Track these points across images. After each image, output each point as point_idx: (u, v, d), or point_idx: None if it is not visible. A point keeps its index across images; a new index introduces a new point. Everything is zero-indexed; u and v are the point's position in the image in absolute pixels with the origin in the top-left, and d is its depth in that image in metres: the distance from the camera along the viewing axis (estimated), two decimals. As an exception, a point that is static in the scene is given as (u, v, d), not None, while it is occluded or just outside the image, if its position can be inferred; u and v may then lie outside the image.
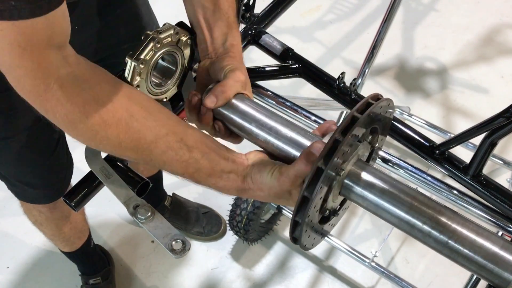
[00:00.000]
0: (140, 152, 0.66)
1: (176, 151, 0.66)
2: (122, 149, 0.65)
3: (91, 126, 0.62)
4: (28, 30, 0.56)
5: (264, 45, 1.05)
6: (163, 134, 0.66)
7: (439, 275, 1.65)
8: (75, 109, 0.61)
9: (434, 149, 0.91)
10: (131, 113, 0.64)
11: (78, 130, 0.63)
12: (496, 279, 0.60)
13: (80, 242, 1.52)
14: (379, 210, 0.65)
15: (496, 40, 2.37)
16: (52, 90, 0.59)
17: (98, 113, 0.62)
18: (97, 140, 0.64)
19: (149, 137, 0.65)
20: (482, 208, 0.87)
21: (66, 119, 0.61)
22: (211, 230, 1.76)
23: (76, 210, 0.79)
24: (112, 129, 0.63)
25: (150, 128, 0.65)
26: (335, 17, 2.51)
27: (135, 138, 0.64)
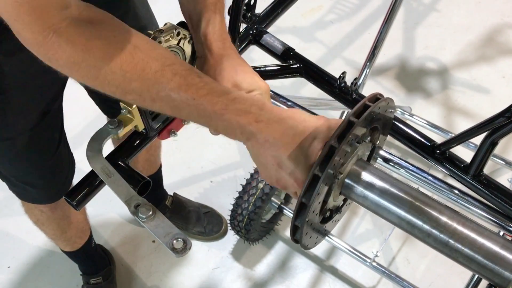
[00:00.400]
0: (145, 82, 0.63)
1: (185, 76, 0.64)
2: (127, 81, 0.63)
3: (94, 62, 0.61)
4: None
5: (265, 45, 1.05)
6: (170, 63, 0.64)
7: (440, 275, 1.65)
8: (77, 49, 0.60)
9: (435, 149, 0.91)
10: (135, 44, 0.63)
11: (82, 70, 0.62)
12: (497, 278, 0.60)
13: (81, 242, 1.52)
14: (380, 209, 0.65)
15: (497, 40, 2.36)
16: (52, 39, 0.59)
17: (100, 48, 0.61)
18: (101, 77, 0.62)
19: (155, 66, 0.63)
20: (483, 208, 0.87)
21: (69, 61, 0.61)
22: (212, 230, 1.76)
23: (78, 209, 0.79)
24: (115, 61, 0.62)
25: (155, 58, 0.64)
26: (336, 17, 2.51)
27: (140, 68, 0.63)
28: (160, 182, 1.69)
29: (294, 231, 0.63)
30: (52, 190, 1.21)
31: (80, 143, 1.34)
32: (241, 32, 1.05)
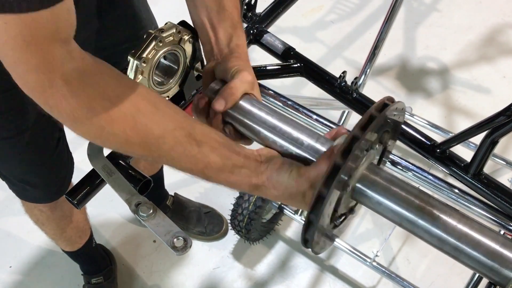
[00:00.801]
0: (148, 147, 0.64)
1: (185, 146, 0.65)
2: (129, 145, 0.63)
3: (98, 122, 0.60)
4: (33, 24, 0.54)
5: (265, 44, 1.06)
6: (171, 128, 0.64)
7: (440, 275, 1.65)
8: (81, 105, 0.59)
9: (435, 148, 0.91)
10: (138, 108, 0.63)
11: (84, 127, 0.61)
12: (497, 276, 0.60)
13: (82, 242, 1.52)
14: (389, 212, 0.64)
15: (498, 40, 2.36)
16: (57, 86, 0.58)
17: (104, 108, 0.60)
18: (103, 137, 0.62)
19: (157, 132, 0.63)
20: (483, 207, 0.87)
21: (71, 116, 0.60)
22: (212, 229, 1.77)
23: (79, 208, 0.79)
24: (118, 125, 0.61)
25: (157, 123, 0.64)
26: (337, 17, 2.51)
27: (143, 133, 0.63)
28: (161, 182, 1.69)
29: (307, 227, 0.62)
30: (51, 189, 1.21)
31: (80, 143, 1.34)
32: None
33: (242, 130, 0.75)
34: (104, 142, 0.64)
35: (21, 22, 0.53)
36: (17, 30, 0.53)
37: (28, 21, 0.53)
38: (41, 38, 0.55)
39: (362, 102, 0.99)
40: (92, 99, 0.60)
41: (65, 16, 0.58)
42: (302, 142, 0.69)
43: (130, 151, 0.65)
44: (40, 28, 0.54)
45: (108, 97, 0.61)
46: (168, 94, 0.84)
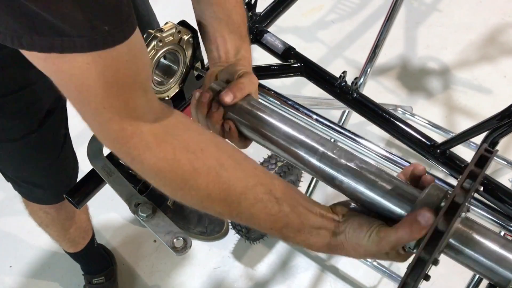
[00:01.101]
0: (229, 204, 0.62)
1: (265, 204, 0.62)
2: (210, 200, 0.61)
3: (182, 174, 0.58)
4: (114, 62, 0.50)
5: (266, 44, 1.06)
6: (252, 185, 0.62)
7: (441, 275, 1.65)
8: (166, 156, 0.57)
9: (435, 148, 0.91)
10: (220, 162, 0.61)
11: (167, 179, 0.59)
12: (496, 277, 0.60)
13: (84, 242, 1.52)
14: (479, 267, 0.62)
15: (499, 40, 2.36)
16: (141, 135, 0.55)
17: (189, 161, 0.58)
18: (185, 190, 0.60)
19: (239, 188, 0.61)
20: (483, 207, 0.87)
21: (155, 167, 0.57)
22: (213, 229, 1.77)
23: (79, 208, 0.79)
24: (202, 179, 0.59)
25: (239, 179, 0.62)
26: (337, 16, 2.51)
27: (225, 189, 0.61)
28: None
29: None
30: (59, 189, 1.21)
31: (81, 142, 1.34)
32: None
33: (244, 130, 0.74)
34: (184, 196, 0.62)
35: (103, 61, 0.49)
36: (100, 71, 0.49)
37: (109, 58, 0.49)
38: (123, 80, 0.52)
39: (362, 102, 0.99)
40: (176, 150, 0.58)
41: (142, 54, 0.55)
42: (383, 190, 0.64)
43: (210, 206, 0.62)
44: (121, 68, 0.51)
45: (193, 150, 0.59)
46: (168, 94, 0.84)
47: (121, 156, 0.59)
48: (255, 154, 0.78)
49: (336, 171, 0.66)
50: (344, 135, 0.94)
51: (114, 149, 0.58)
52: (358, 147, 0.94)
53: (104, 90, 0.51)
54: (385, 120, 0.96)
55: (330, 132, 0.95)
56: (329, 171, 0.67)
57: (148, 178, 0.60)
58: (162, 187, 0.61)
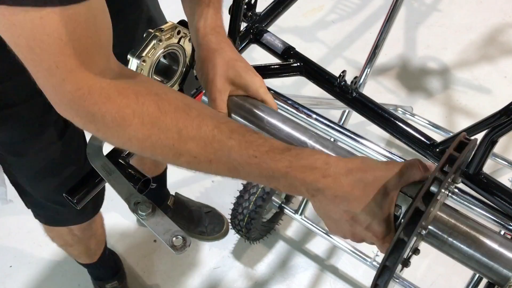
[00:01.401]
0: (203, 140, 0.57)
1: (243, 134, 0.58)
2: (182, 140, 0.56)
3: (148, 117, 0.54)
4: (71, 21, 0.47)
5: (265, 44, 1.05)
6: (224, 121, 0.59)
7: (441, 275, 1.65)
8: (129, 102, 0.54)
9: (434, 147, 0.91)
10: (186, 103, 0.58)
11: (133, 128, 0.54)
12: (495, 276, 0.60)
13: (100, 252, 1.50)
14: (457, 253, 0.62)
15: (499, 40, 2.36)
16: (101, 90, 0.52)
17: (154, 101, 0.55)
18: (154, 136, 0.55)
19: (211, 123, 0.58)
20: (483, 206, 0.87)
21: (118, 116, 0.53)
22: (213, 229, 1.77)
23: (78, 207, 0.79)
24: (170, 116, 0.55)
25: (209, 116, 0.59)
26: (338, 17, 2.51)
27: (196, 125, 0.57)
28: (164, 182, 1.69)
29: (381, 273, 0.58)
30: (88, 204, 1.16)
31: (81, 142, 1.34)
32: (242, 31, 1.05)
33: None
34: (154, 144, 0.56)
35: (58, 17, 0.47)
36: (54, 27, 0.47)
37: (65, 16, 0.47)
38: (79, 40, 0.49)
39: (362, 102, 0.98)
40: (140, 95, 0.54)
41: (102, 17, 0.53)
42: None
43: (183, 149, 0.57)
44: (78, 27, 0.49)
45: (156, 92, 0.56)
46: (168, 93, 0.84)
47: (80, 121, 0.54)
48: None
49: None
50: (344, 135, 0.94)
51: (71, 113, 0.54)
52: (358, 146, 0.93)
53: (59, 47, 0.48)
54: (384, 119, 0.96)
55: (330, 131, 0.95)
56: None
57: (112, 134, 0.56)
58: (128, 141, 0.56)
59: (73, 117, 0.55)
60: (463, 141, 0.60)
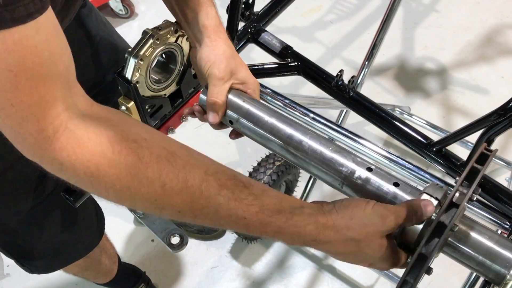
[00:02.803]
0: (190, 195, 0.51)
1: (232, 189, 0.53)
2: (167, 195, 0.50)
3: (126, 168, 0.48)
4: (18, 47, 0.40)
5: (263, 43, 1.06)
6: (213, 171, 0.53)
7: (438, 274, 1.64)
8: (103, 150, 0.46)
9: (431, 147, 0.92)
10: (171, 151, 0.52)
11: (108, 178, 0.48)
12: (491, 274, 0.60)
13: (116, 267, 1.48)
14: (456, 253, 0.63)
15: (496, 40, 2.37)
16: (68, 132, 0.45)
17: (132, 150, 0.48)
18: (133, 189, 0.49)
19: (198, 175, 0.52)
20: (479, 205, 0.87)
21: (91, 165, 0.46)
22: (211, 228, 1.77)
23: (75, 206, 0.79)
24: (152, 169, 0.49)
25: (197, 166, 0.52)
26: (336, 17, 2.52)
27: (182, 178, 0.51)
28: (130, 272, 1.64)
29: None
30: (92, 237, 1.14)
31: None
32: (240, 30, 1.05)
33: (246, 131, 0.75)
34: (133, 197, 0.50)
35: (1, 45, 0.39)
36: (0, 56, 0.39)
37: (10, 42, 0.39)
38: (33, 69, 0.41)
39: (360, 101, 0.99)
40: (115, 142, 0.47)
41: (56, 39, 0.44)
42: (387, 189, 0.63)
43: (167, 204, 0.51)
44: (29, 54, 0.41)
45: (134, 139, 0.49)
46: (166, 92, 0.84)
47: (47, 166, 0.47)
48: (253, 154, 0.77)
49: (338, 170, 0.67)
50: (342, 134, 0.94)
51: (36, 157, 0.46)
52: (356, 146, 0.94)
53: (9, 82, 0.40)
54: (381, 119, 0.96)
55: (328, 131, 0.95)
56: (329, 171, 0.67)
57: (86, 185, 0.49)
58: (105, 191, 0.49)
59: (42, 164, 0.47)
60: (484, 152, 0.60)
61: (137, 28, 2.35)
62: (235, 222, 0.54)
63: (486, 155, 0.60)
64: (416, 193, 0.63)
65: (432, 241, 0.56)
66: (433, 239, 0.56)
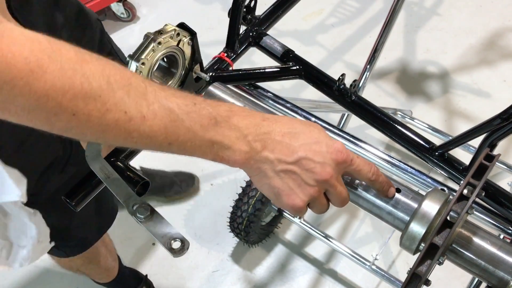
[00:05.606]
0: (134, 91, 0.49)
1: (174, 90, 0.53)
2: (111, 89, 0.47)
3: (68, 63, 0.45)
4: None
5: (265, 47, 1.05)
6: (129, 76, 0.50)
7: (440, 279, 1.64)
8: (41, 46, 0.44)
9: (433, 151, 0.91)
10: (106, 59, 0.49)
11: (49, 75, 0.44)
12: (494, 280, 0.60)
13: (117, 265, 1.49)
14: (459, 259, 0.62)
15: (498, 44, 2.36)
16: (2, 30, 0.42)
17: (71, 49, 0.46)
18: (77, 85, 0.45)
19: (140, 78, 0.51)
20: (482, 210, 0.87)
21: (31, 60, 0.43)
22: (187, 185, 1.85)
23: (76, 210, 0.79)
24: (94, 63, 0.47)
25: (98, 69, 0.48)
26: (337, 20, 2.52)
27: (126, 76, 0.49)
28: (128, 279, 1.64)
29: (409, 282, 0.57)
30: (102, 220, 1.17)
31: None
32: (241, 34, 1.05)
33: None
34: (77, 94, 0.46)
35: None
36: None
37: None
38: None
39: (361, 105, 0.98)
40: (52, 42, 0.45)
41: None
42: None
43: (113, 98, 0.48)
44: None
45: (69, 47, 0.47)
46: (167, 96, 0.84)
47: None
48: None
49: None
50: (343, 138, 0.94)
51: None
52: (357, 150, 0.93)
53: None
54: (383, 123, 0.95)
55: (329, 134, 0.94)
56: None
57: (21, 90, 0.43)
58: (44, 96, 0.44)
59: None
60: (485, 164, 0.60)
61: (138, 32, 2.36)
62: (186, 111, 0.52)
63: (490, 159, 0.60)
64: (418, 198, 0.63)
65: (426, 262, 0.56)
66: (426, 260, 0.56)
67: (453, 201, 0.57)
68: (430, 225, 0.59)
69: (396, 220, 0.64)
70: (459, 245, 0.61)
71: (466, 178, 0.58)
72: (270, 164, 0.57)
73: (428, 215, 0.59)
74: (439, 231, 0.56)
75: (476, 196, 0.58)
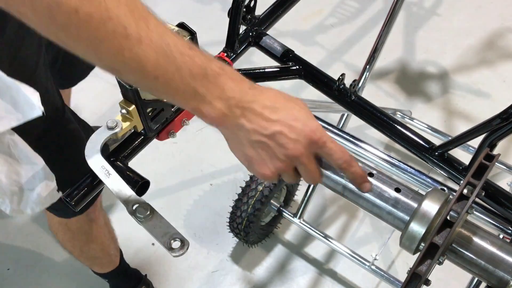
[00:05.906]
0: (138, 12, 0.51)
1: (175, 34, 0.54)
2: (103, 8, 0.47)
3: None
4: None
5: (264, 47, 1.06)
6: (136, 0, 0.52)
7: (440, 279, 1.64)
8: None
9: (433, 151, 0.91)
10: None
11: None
12: (494, 279, 0.60)
13: (118, 255, 1.49)
14: (459, 259, 0.62)
15: (497, 44, 2.37)
16: None
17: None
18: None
19: (141, 6, 0.53)
20: (482, 210, 0.87)
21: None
22: None
23: (76, 209, 0.79)
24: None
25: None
26: (337, 21, 2.52)
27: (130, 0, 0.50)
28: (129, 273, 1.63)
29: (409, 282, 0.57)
30: None
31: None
32: (241, 34, 1.05)
33: None
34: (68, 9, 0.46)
35: None
36: None
37: None
38: None
39: (361, 105, 0.99)
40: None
41: None
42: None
43: (113, 13, 0.49)
44: None
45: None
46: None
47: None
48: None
49: (339, 177, 0.67)
50: (343, 138, 0.94)
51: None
52: (357, 150, 0.94)
53: None
54: (383, 123, 0.96)
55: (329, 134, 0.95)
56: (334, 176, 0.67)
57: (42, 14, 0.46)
58: (67, 19, 0.46)
59: None
60: (485, 164, 0.60)
61: (138, 32, 2.35)
62: (181, 52, 0.53)
63: (490, 159, 0.60)
64: (418, 198, 0.63)
65: (426, 262, 0.56)
66: (426, 260, 0.56)
67: (453, 201, 0.57)
68: (430, 224, 0.59)
69: (396, 219, 0.64)
70: (459, 245, 0.61)
71: (466, 178, 0.58)
72: (245, 132, 0.59)
73: (428, 215, 0.60)
74: (439, 231, 0.57)
75: (476, 196, 0.58)
